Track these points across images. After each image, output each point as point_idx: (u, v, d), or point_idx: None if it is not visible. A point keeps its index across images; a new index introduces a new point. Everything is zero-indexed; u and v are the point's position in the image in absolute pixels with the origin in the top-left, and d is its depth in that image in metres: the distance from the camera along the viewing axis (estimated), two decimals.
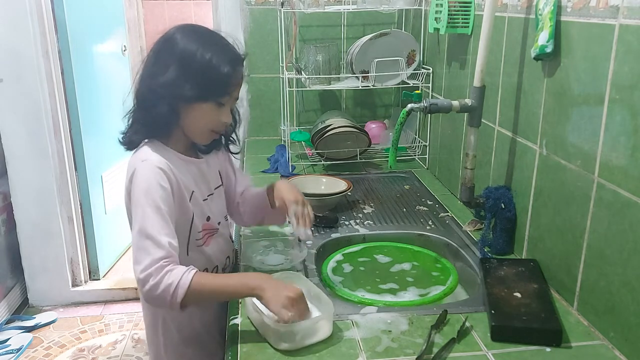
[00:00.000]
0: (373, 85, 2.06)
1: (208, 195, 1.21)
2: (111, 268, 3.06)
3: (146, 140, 1.14)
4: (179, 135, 1.15)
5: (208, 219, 1.19)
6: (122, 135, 1.15)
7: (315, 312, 1.06)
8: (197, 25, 1.16)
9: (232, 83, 1.11)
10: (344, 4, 2.18)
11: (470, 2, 1.60)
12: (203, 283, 1.01)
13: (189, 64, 1.06)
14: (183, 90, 1.06)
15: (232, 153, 1.31)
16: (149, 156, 1.09)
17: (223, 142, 1.26)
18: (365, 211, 1.65)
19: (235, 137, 1.27)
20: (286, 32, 2.25)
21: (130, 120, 1.14)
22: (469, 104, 1.33)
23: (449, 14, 1.63)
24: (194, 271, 1.00)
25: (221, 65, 1.07)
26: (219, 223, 1.24)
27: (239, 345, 1.01)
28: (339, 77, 2.16)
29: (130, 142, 1.15)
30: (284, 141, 2.20)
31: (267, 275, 1.06)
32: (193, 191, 1.15)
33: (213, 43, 1.10)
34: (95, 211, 2.87)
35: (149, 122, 1.12)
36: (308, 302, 1.09)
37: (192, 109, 1.10)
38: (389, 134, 2.15)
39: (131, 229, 1.08)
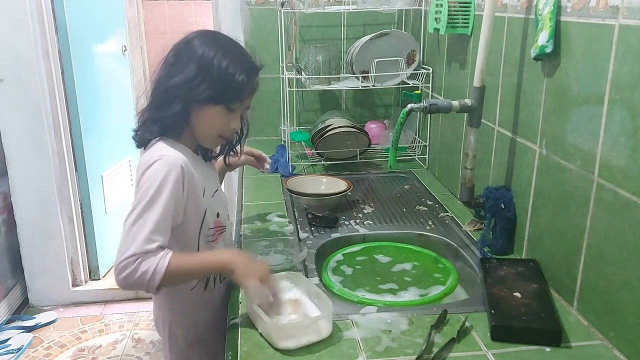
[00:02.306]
0: (373, 86, 2.06)
1: (214, 193, 1.22)
2: (111, 268, 3.04)
3: (158, 138, 1.15)
4: (188, 135, 1.17)
5: (218, 215, 1.21)
6: (134, 133, 1.17)
7: (315, 312, 1.06)
8: (216, 32, 1.20)
9: (245, 91, 1.13)
10: (344, 4, 2.18)
11: (470, 2, 1.60)
12: (178, 264, 1.02)
13: (205, 68, 1.08)
14: (196, 91, 1.08)
15: (226, 165, 1.35)
16: (167, 152, 1.10)
17: (225, 152, 1.28)
18: (365, 211, 1.65)
19: (237, 149, 1.29)
20: (286, 32, 2.25)
21: (144, 118, 1.16)
22: (469, 104, 1.33)
23: (448, 14, 1.63)
24: (169, 255, 1.01)
25: (237, 73, 1.09)
26: (228, 217, 1.26)
27: (239, 345, 1.01)
28: (339, 77, 2.16)
29: (142, 139, 1.16)
30: (284, 141, 2.20)
31: (239, 251, 1.11)
32: (204, 187, 1.17)
33: (231, 51, 1.12)
34: (96, 211, 2.87)
35: (161, 121, 1.13)
36: (308, 302, 1.09)
37: (203, 111, 1.12)
38: (389, 134, 2.15)
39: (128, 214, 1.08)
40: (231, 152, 1.29)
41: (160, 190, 1.05)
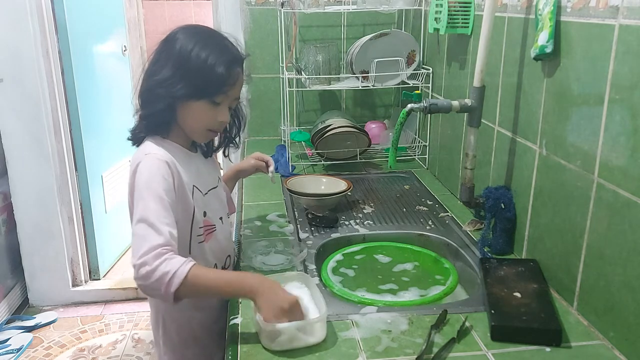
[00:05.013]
0: (373, 86, 2.06)
1: (208, 191, 1.22)
2: (111, 268, 3.07)
3: (147, 136, 1.15)
4: (179, 132, 1.17)
5: (205, 214, 1.20)
6: (130, 133, 1.18)
7: (315, 314, 1.05)
8: (199, 25, 1.17)
9: (227, 83, 1.11)
10: (344, 4, 2.18)
11: (470, 2, 1.60)
12: (200, 276, 0.99)
13: (184, 63, 1.08)
14: (177, 88, 1.08)
15: (226, 156, 1.33)
16: (152, 149, 1.11)
17: (224, 145, 1.28)
18: (365, 211, 1.65)
19: (236, 141, 1.28)
20: (286, 32, 2.25)
21: (138, 117, 1.16)
22: (469, 104, 1.33)
23: (448, 14, 1.63)
24: (192, 263, 0.99)
25: (216, 65, 1.08)
26: (220, 218, 1.25)
27: (239, 345, 1.01)
28: (339, 77, 2.16)
29: (135, 138, 1.17)
30: (284, 141, 2.20)
31: (265, 279, 1.04)
32: (194, 185, 1.16)
33: (211, 43, 1.11)
34: (96, 211, 2.87)
35: (148, 118, 1.14)
36: (311, 305, 1.07)
37: (188, 106, 1.11)
38: (389, 134, 2.15)
39: (132, 220, 1.08)
40: (231, 144, 1.28)
41: (151, 186, 1.05)
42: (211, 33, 1.15)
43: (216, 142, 1.28)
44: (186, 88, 1.08)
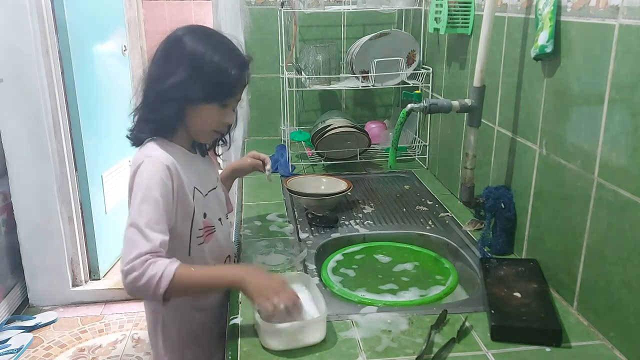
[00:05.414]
0: (373, 85, 2.06)
1: (208, 192, 1.22)
2: (111, 268, 3.07)
3: (150, 138, 1.15)
4: (183, 133, 1.17)
5: (205, 215, 1.20)
6: (129, 132, 1.17)
7: (315, 314, 1.05)
8: (204, 27, 1.17)
9: (239, 85, 1.13)
10: (344, 4, 2.18)
11: (470, 2, 1.60)
12: (186, 275, 1.01)
13: (197, 67, 1.08)
14: (190, 92, 1.08)
15: (217, 155, 1.33)
16: (154, 152, 1.11)
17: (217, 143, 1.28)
18: (365, 211, 1.65)
19: (226, 139, 1.28)
20: (286, 32, 2.25)
21: (137, 117, 1.16)
22: (469, 104, 1.33)
23: (448, 14, 1.63)
24: (177, 263, 1.00)
25: (229, 68, 1.09)
26: (219, 219, 1.25)
27: (239, 345, 1.01)
28: (339, 77, 2.16)
29: (137, 138, 1.16)
30: (284, 141, 2.20)
31: (250, 267, 1.07)
32: (195, 187, 1.16)
33: (221, 46, 1.11)
34: (96, 211, 2.87)
35: (155, 122, 1.13)
36: (311, 305, 1.08)
37: (197, 109, 1.12)
38: (389, 134, 2.15)
39: None
40: (220, 142, 1.28)
41: (148, 189, 1.05)
42: (218, 36, 1.15)
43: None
44: (200, 92, 1.08)
